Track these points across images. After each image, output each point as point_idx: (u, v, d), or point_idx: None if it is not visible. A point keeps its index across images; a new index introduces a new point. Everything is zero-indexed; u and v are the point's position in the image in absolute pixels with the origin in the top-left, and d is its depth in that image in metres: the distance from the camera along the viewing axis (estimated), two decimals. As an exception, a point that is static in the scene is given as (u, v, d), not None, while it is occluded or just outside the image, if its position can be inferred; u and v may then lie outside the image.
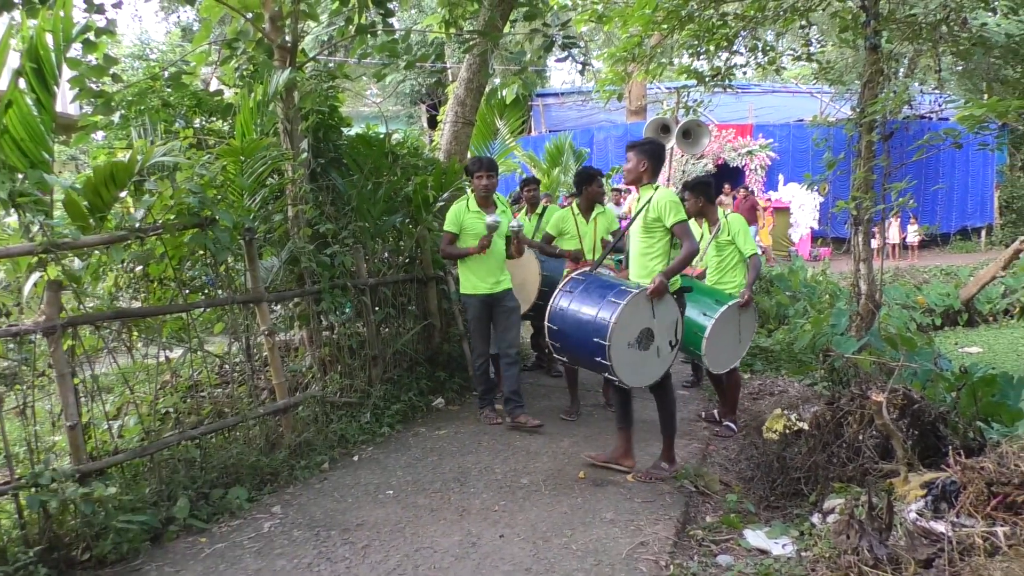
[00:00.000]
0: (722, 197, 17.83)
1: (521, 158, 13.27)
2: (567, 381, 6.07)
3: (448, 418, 5.89)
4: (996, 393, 4.97)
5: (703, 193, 5.70)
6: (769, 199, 18.37)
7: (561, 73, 38.37)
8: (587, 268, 4.77)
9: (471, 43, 6.67)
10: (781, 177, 18.56)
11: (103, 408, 3.96)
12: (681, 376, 7.08)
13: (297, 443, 4.80)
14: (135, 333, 4.63)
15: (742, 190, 16.62)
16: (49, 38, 3.97)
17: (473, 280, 5.54)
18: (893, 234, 18.20)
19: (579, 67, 6.55)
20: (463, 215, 5.54)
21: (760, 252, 5.73)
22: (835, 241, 18.19)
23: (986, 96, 12.57)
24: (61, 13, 4.06)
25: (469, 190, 5.80)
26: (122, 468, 3.97)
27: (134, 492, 3.84)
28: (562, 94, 22.48)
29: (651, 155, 4.43)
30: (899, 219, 17.97)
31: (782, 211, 18.42)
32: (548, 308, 4.48)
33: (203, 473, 4.19)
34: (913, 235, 18.22)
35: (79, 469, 3.59)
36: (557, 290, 4.51)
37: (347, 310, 5.87)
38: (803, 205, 18.15)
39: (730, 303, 5.19)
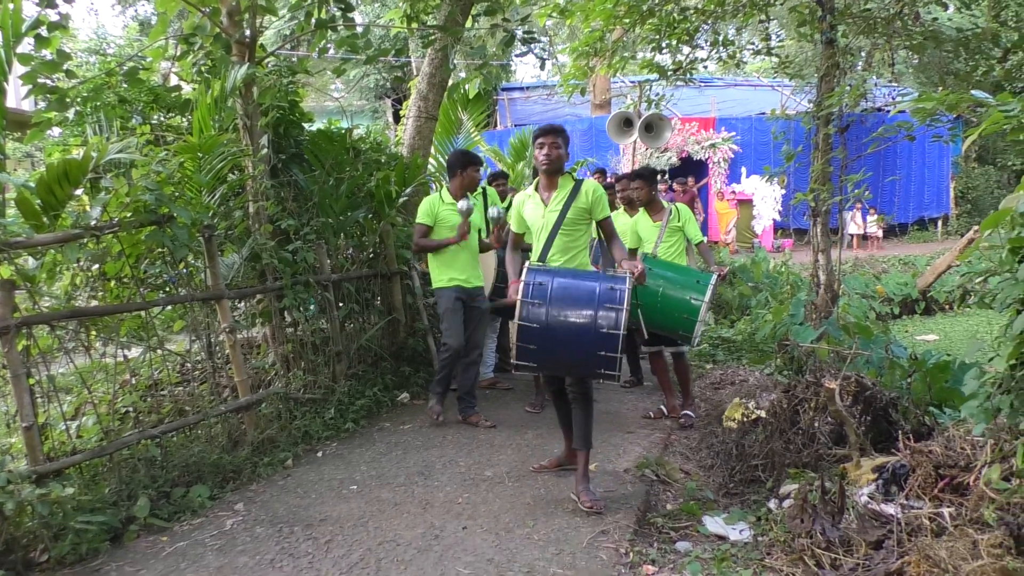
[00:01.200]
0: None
1: (486, 152, 13.28)
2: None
3: (413, 412, 5.90)
4: (949, 379, 5.11)
5: (652, 182, 5.87)
6: (733, 191, 18.59)
7: (527, 67, 38.34)
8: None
9: (431, 38, 6.66)
10: (744, 169, 18.79)
11: (60, 408, 3.91)
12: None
13: (260, 440, 4.79)
14: (93, 333, 4.58)
15: (682, 182, 16.80)
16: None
17: (449, 273, 5.50)
18: (854, 226, 18.54)
19: (539, 62, 6.52)
20: (437, 207, 5.51)
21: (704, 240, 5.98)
22: (797, 232, 18.47)
23: (940, 89, 12.86)
24: (11, 7, 3.99)
25: (435, 186, 5.78)
26: (80, 468, 3.94)
27: (93, 492, 3.81)
28: (527, 88, 22.48)
29: (567, 141, 4.14)
30: (859, 210, 18.29)
31: (745, 203, 18.66)
32: (519, 309, 3.78)
33: (164, 472, 4.16)
34: (872, 226, 18.56)
35: (36, 470, 3.55)
36: (522, 288, 3.82)
37: (311, 307, 5.86)
38: (765, 197, 18.40)
39: (713, 279, 5.28)
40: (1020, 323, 2.33)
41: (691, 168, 18.89)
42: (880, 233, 18.83)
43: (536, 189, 4.17)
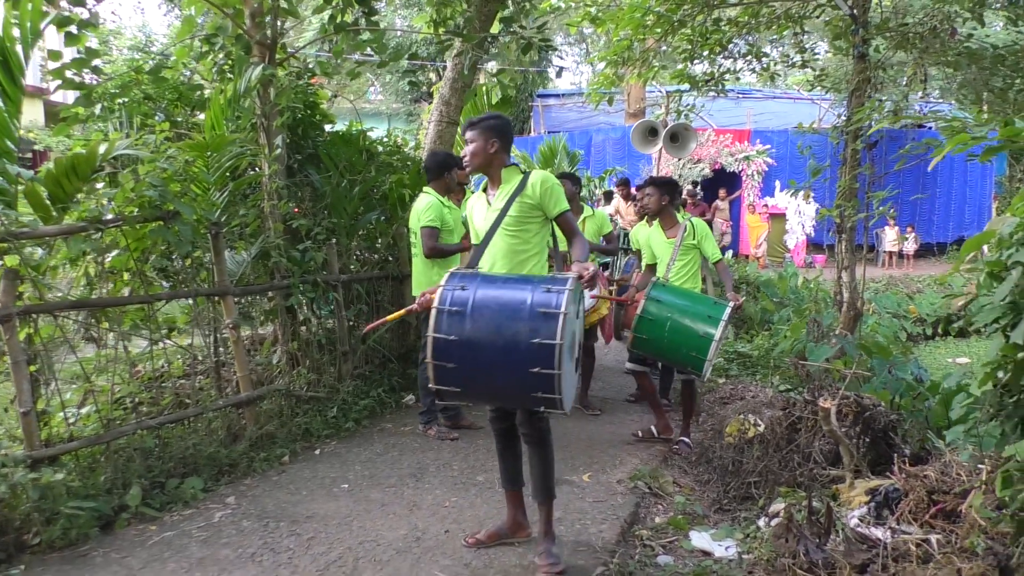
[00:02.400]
0: (717, 202, 17.87)
1: (517, 158, 13.35)
2: None
3: (416, 415, 5.91)
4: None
5: (669, 192, 5.42)
6: (765, 205, 18.36)
7: (566, 74, 38.34)
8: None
9: (448, 42, 6.71)
10: (778, 183, 18.54)
11: (59, 396, 4.00)
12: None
13: (259, 435, 4.85)
14: (105, 324, 4.69)
15: (693, 193, 15.83)
16: (16, 31, 4.02)
17: (438, 281, 5.35)
18: (890, 243, 18.19)
19: (557, 71, 6.52)
20: (441, 209, 5.25)
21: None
22: (830, 248, 18.16)
23: (985, 107, 12.55)
24: (29, 6, 4.11)
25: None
26: (77, 456, 4.03)
27: (88, 480, 3.90)
28: (563, 95, 22.48)
29: (498, 131, 3.47)
30: (895, 228, 17.95)
31: (778, 217, 18.40)
32: (433, 319, 3.14)
33: (160, 463, 4.24)
34: (909, 244, 18.18)
35: (31, 455, 3.65)
36: (439, 295, 3.19)
37: (324, 307, 5.94)
38: (799, 212, 18.12)
39: (727, 311, 4.87)
40: (994, 347, 2.27)
41: (724, 180, 18.70)
42: (912, 251, 18.42)
43: (484, 189, 3.62)
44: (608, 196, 13.64)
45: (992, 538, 3.20)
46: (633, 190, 11.58)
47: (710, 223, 17.40)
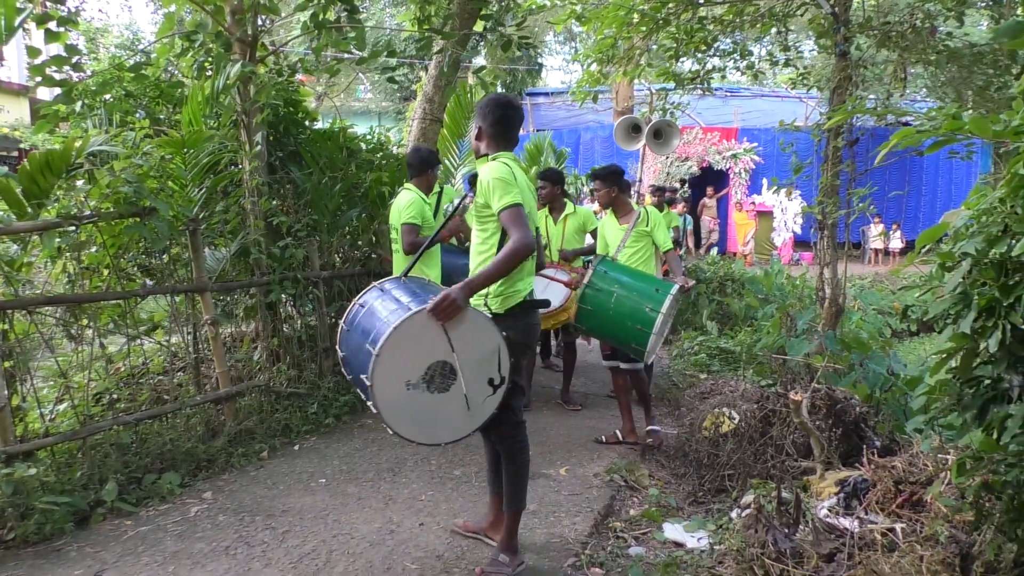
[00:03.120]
0: (705, 200, 17.94)
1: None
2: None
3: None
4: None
5: (615, 182, 5.37)
6: (752, 203, 18.45)
7: (557, 73, 38.40)
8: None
9: (429, 40, 6.73)
10: (765, 181, 18.64)
11: (34, 392, 4.02)
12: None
13: (238, 431, 4.87)
14: (85, 320, 4.69)
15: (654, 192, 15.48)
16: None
17: (424, 272, 5.21)
18: (875, 240, 18.31)
19: (538, 68, 6.55)
20: (422, 205, 5.23)
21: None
22: (816, 246, 18.25)
23: (971, 104, 12.64)
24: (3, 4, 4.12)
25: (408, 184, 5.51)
26: (53, 452, 4.04)
27: (64, 475, 3.91)
28: (552, 94, 22.52)
29: (485, 116, 3.27)
30: (881, 225, 18.07)
31: (765, 215, 18.50)
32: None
33: (137, 458, 4.26)
34: (894, 241, 18.31)
35: (5, 450, 3.66)
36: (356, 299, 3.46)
37: (307, 304, 5.96)
38: (786, 209, 18.23)
39: (675, 289, 4.76)
40: (945, 337, 2.31)
41: (712, 178, 18.79)
42: (899, 248, 18.54)
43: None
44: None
45: (955, 527, 3.26)
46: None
47: (697, 221, 17.47)
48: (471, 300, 3.02)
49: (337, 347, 3.47)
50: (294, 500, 4.14)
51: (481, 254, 3.26)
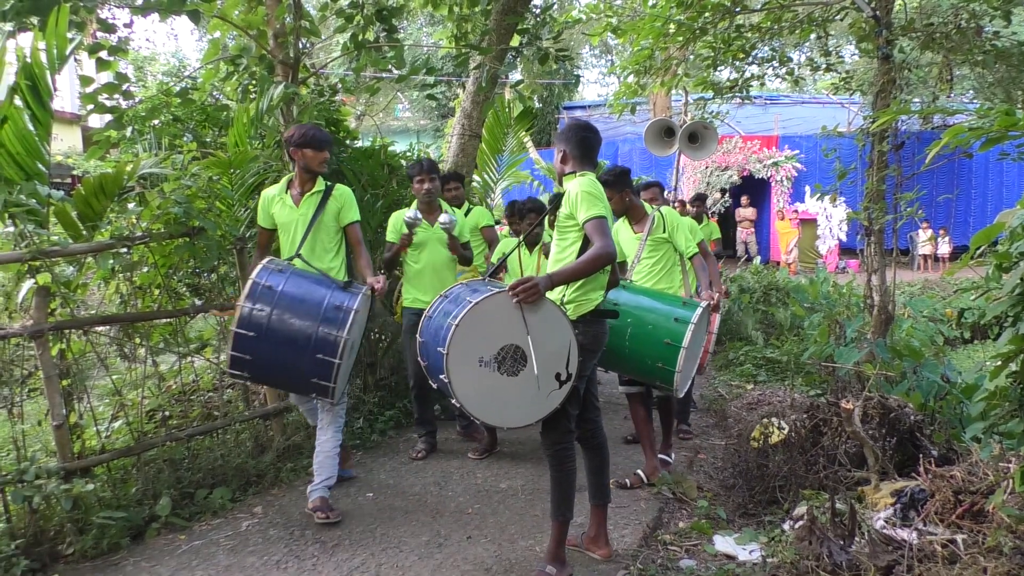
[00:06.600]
0: (739, 210, 17.74)
1: (541, 170, 13.36)
2: None
3: (441, 424, 5.95)
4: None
5: (626, 184, 4.74)
6: (795, 211, 18.20)
7: (594, 86, 38.44)
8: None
9: (466, 56, 6.80)
10: (808, 188, 18.38)
11: (90, 409, 4.12)
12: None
13: (286, 446, 4.92)
14: (138, 339, 4.81)
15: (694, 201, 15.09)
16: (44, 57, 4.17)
17: (414, 293, 5.19)
18: (925, 246, 17.90)
19: (574, 80, 6.57)
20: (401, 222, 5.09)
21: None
22: (863, 253, 17.92)
23: (1021, 104, 12.34)
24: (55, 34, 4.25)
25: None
26: (109, 468, 4.13)
27: (120, 491, 4.00)
28: (589, 107, 22.53)
29: (568, 140, 3.41)
30: (929, 230, 17.67)
31: (809, 223, 18.22)
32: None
33: (189, 474, 4.33)
34: (942, 246, 17.88)
35: (64, 467, 3.76)
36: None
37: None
38: (831, 216, 17.93)
39: (698, 311, 4.25)
40: (1004, 340, 2.24)
41: (753, 187, 18.58)
42: (947, 254, 18.10)
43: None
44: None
45: (1019, 537, 3.15)
46: (668, 194, 11.41)
47: (732, 232, 17.26)
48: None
49: (418, 335, 3.69)
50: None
51: (559, 263, 3.39)
